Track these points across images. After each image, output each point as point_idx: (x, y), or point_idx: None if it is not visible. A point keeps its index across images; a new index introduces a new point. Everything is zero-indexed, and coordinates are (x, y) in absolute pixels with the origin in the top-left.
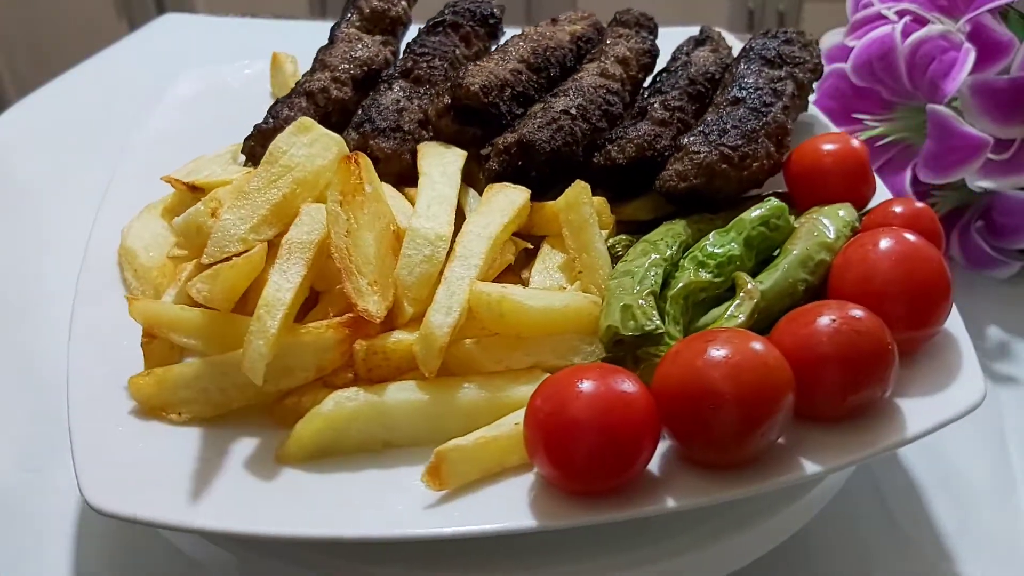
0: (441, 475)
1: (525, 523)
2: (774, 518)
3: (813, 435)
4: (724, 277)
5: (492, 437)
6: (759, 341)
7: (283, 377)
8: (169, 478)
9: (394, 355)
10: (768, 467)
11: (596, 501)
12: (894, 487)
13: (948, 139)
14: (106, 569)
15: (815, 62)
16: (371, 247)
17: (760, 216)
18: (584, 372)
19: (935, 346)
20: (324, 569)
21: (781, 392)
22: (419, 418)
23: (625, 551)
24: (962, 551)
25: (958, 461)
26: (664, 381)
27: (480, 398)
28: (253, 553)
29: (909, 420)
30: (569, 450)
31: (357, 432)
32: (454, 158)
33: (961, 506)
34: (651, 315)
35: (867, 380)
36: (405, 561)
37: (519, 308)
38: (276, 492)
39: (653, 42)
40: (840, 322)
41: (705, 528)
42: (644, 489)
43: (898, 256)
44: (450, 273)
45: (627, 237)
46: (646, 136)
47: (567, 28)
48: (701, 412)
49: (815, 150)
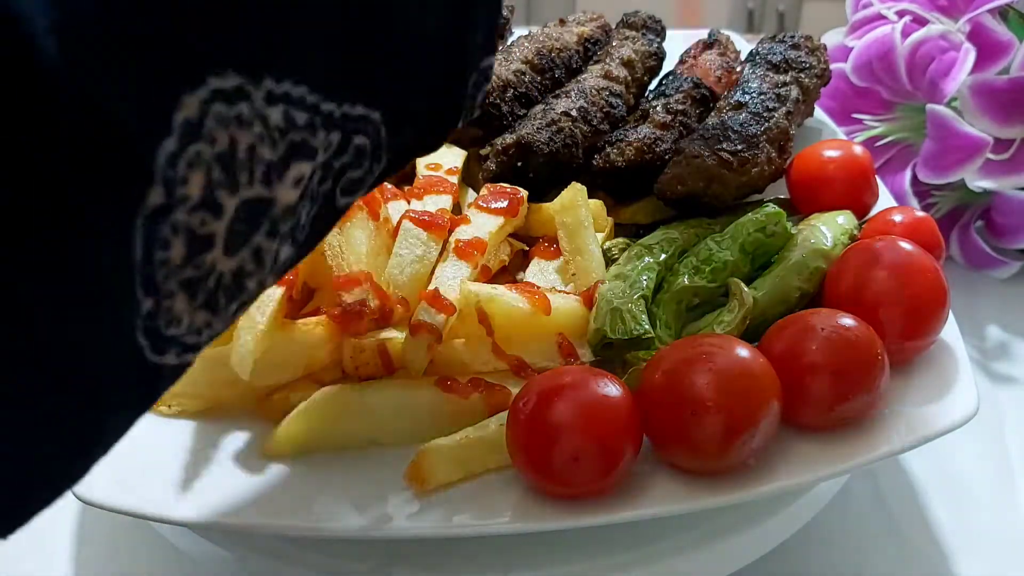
0: (423, 474)
1: (506, 525)
2: (773, 519)
3: (800, 444)
4: (719, 283)
5: (476, 438)
6: (744, 347)
7: (272, 373)
8: (157, 470)
9: (383, 354)
10: (752, 476)
11: (579, 504)
12: (894, 487)
13: (948, 139)
14: (106, 569)
15: (822, 67)
16: (363, 245)
17: (757, 222)
18: (567, 374)
19: (930, 356)
20: (324, 569)
21: (765, 400)
22: (405, 417)
23: (618, 553)
24: (962, 551)
25: (958, 461)
26: (647, 386)
27: (467, 399)
28: (252, 552)
29: (898, 431)
30: (548, 453)
31: (343, 429)
32: (453, 158)
33: (961, 506)
34: (640, 319)
35: (856, 389)
36: (388, 559)
37: (507, 309)
38: (261, 487)
39: (660, 45)
40: (829, 330)
41: (704, 529)
42: (628, 493)
43: (893, 265)
44: (441, 273)
45: (624, 240)
46: (646, 139)
47: (575, 30)
48: (682, 418)
49: (817, 156)
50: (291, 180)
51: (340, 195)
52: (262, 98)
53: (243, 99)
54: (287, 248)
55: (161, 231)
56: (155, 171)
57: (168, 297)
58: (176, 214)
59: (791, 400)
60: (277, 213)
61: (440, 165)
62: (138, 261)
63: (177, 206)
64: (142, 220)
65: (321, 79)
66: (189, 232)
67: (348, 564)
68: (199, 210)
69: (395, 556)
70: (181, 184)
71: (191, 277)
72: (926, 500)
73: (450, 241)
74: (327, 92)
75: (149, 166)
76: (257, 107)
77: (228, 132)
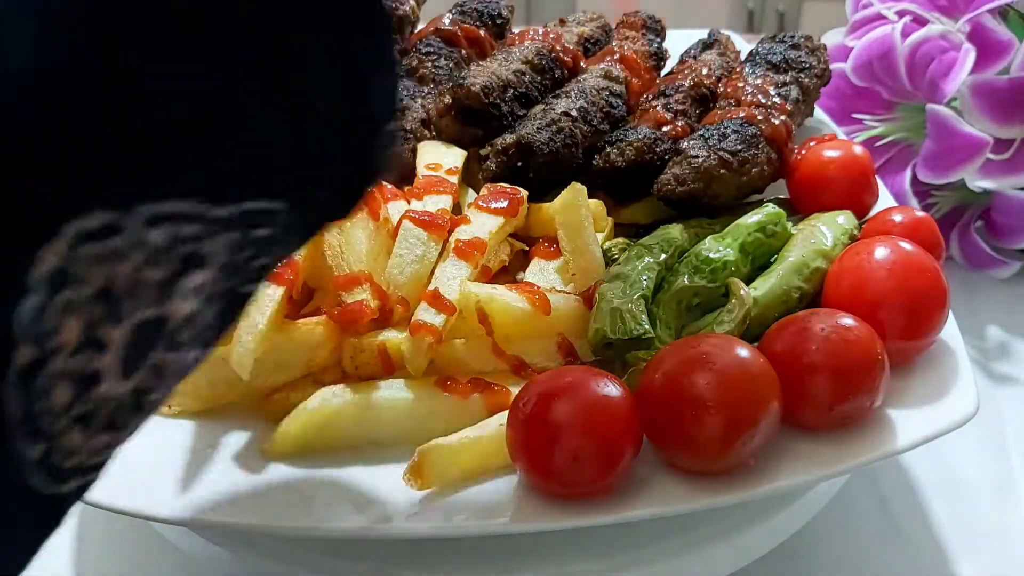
0: (423, 474)
1: (506, 525)
2: (773, 519)
3: (800, 444)
4: (719, 283)
5: (476, 437)
6: (744, 347)
7: (272, 373)
8: (157, 470)
9: (382, 354)
10: (752, 476)
11: (579, 504)
12: (894, 487)
13: (948, 139)
14: (106, 570)
15: (822, 67)
16: (363, 245)
17: (757, 222)
18: (567, 374)
19: (930, 356)
20: (324, 569)
21: (765, 400)
22: (405, 417)
23: (618, 553)
24: (962, 551)
25: (958, 461)
26: (647, 386)
27: (466, 398)
28: (252, 552)
29: (898, 432)
30: (548, 453)
31: (343, 429)
32: (453, 158)
33: (961, 506)
34: (640, 319)
35: (855, 389)
36: (387, 559)
37: (507, 309)
38: (261, 487)
39: (660, 44)
40: (829, 330)
41: (704, 529)
42: (628, 493)
43: (893, 265)
44: (441, 273)
45: (624, 240)
46: (646, 139)
47: (575, 30)
48: (682, 418)
49: (817, 156)
50: (187, 291)
51: (245, 284)
52: (140, 224)
53: (115, 232)
54: (189, 353)
55: (38, 383)
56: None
57: (60, 436)
58: (53, 364)
59: (791, 400)
60: (174, 326)
61: (440, 165)
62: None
63: (52, 356)
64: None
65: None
66: (72, 375)
67: (348, 564)
68: (81, 351)
69: (395, 556)
70: (52, 335)
71: (84, 412)
72: (926, 500)
73: (450, 241)
74: (217, 199)
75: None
76: (134, 235)
77: (103, 269)
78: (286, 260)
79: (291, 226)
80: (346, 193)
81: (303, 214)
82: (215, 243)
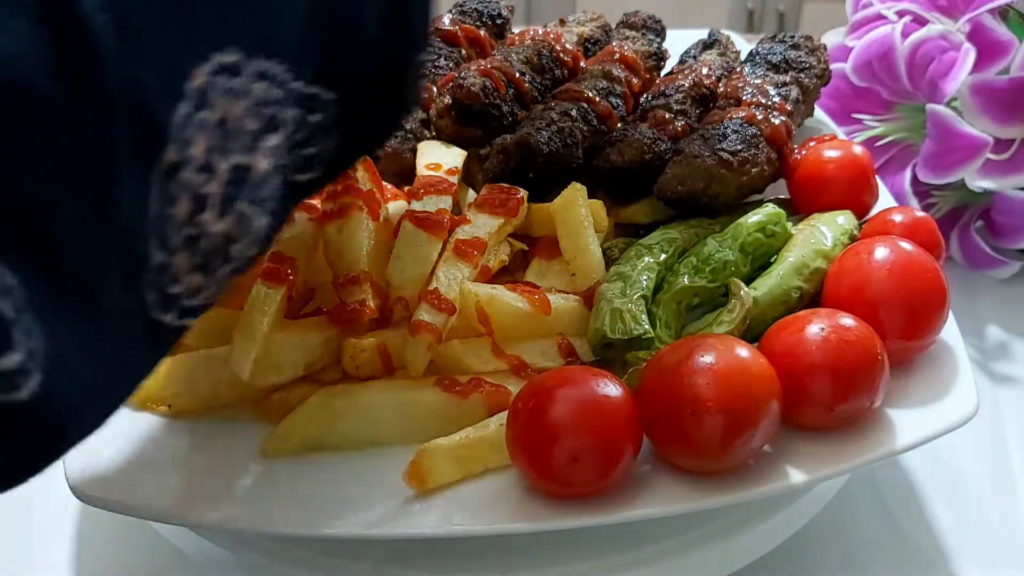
0: (423, 474)
1: (506, 525)
2: (773, 519)
3: (800, 444)
4: (719, 283)
5: (475, 437)
6: (744, 347)
7: (271, 373)
8: (157, 470)
9: (383, 354)
10: (752, 476)
11: (579, 504)
12: (894, 487)
13: (948, 139)
14: (106, 570)
15: (822, 67)
16: (363, 245)
17: (757, 222)
18: (567, 374)
19: (930, 356)
20: (324, 569)
21: (765, 400)
22: (405, 417)
23: (618, 553)
24: (962, 551)
25: (958, 461)
26: (647, 386)
27: (466, 399)
28: (252, 552)
29: (898, 431)
30: (548, 453)
31: (342, 429)
32: (453, 158)
33: (961, 506)
34: (640, 319)
35: (855, 390)
36: (387, 559)
37: (507, 309)
38: (261, 487)
39: (660, 45)
40: (829, 330)
41: (704, 529)
42: (628, 493)
43: (893, 265)
44: (441, 273)
45: (624, 240)
46: (646, 139)
47: (575, 30)
48: (682, 418)
49: (817, 156)
50: (265, 150)
51: (297, 171)
52: (251, 73)
53: (236, 75)
54: (263, 217)
55: (171, 188)
56: (171, 131)
57: (174, 253)
58: (184, 172)
59: (791, 400)
60: (255, 179)
61: (440, 165)
62: (152, 214)
63: (184, 165)
64: (157, 176)
65: (293, 58)
66: (192, 190)
67: (348, 564)
68: (201, 171)
69: (395, 556)
70: (189, 145)
71: (191, 235)
72: (926, 500)
73: (450, 241)
74: (297, 71)
75: (166, 127)
76: (247, 81)
77: (225, 101)
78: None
79: (336, 122)
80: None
81: (348, 111)
82: (287, 113)
